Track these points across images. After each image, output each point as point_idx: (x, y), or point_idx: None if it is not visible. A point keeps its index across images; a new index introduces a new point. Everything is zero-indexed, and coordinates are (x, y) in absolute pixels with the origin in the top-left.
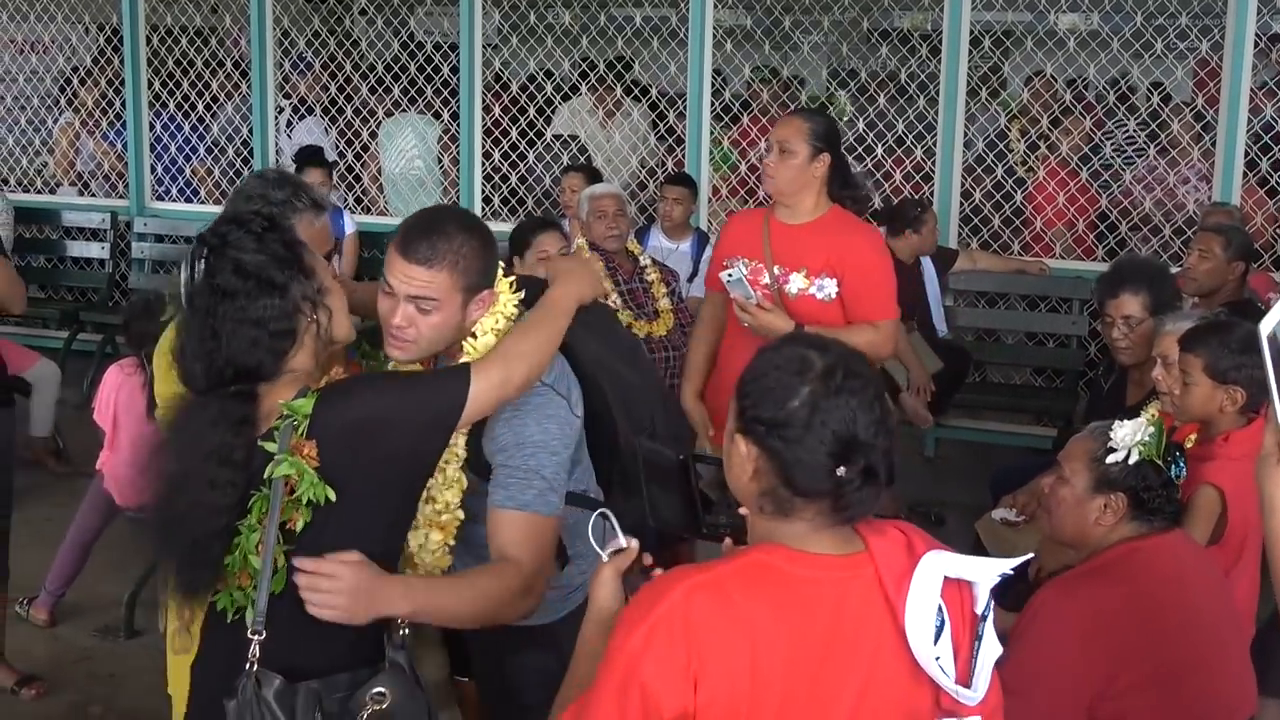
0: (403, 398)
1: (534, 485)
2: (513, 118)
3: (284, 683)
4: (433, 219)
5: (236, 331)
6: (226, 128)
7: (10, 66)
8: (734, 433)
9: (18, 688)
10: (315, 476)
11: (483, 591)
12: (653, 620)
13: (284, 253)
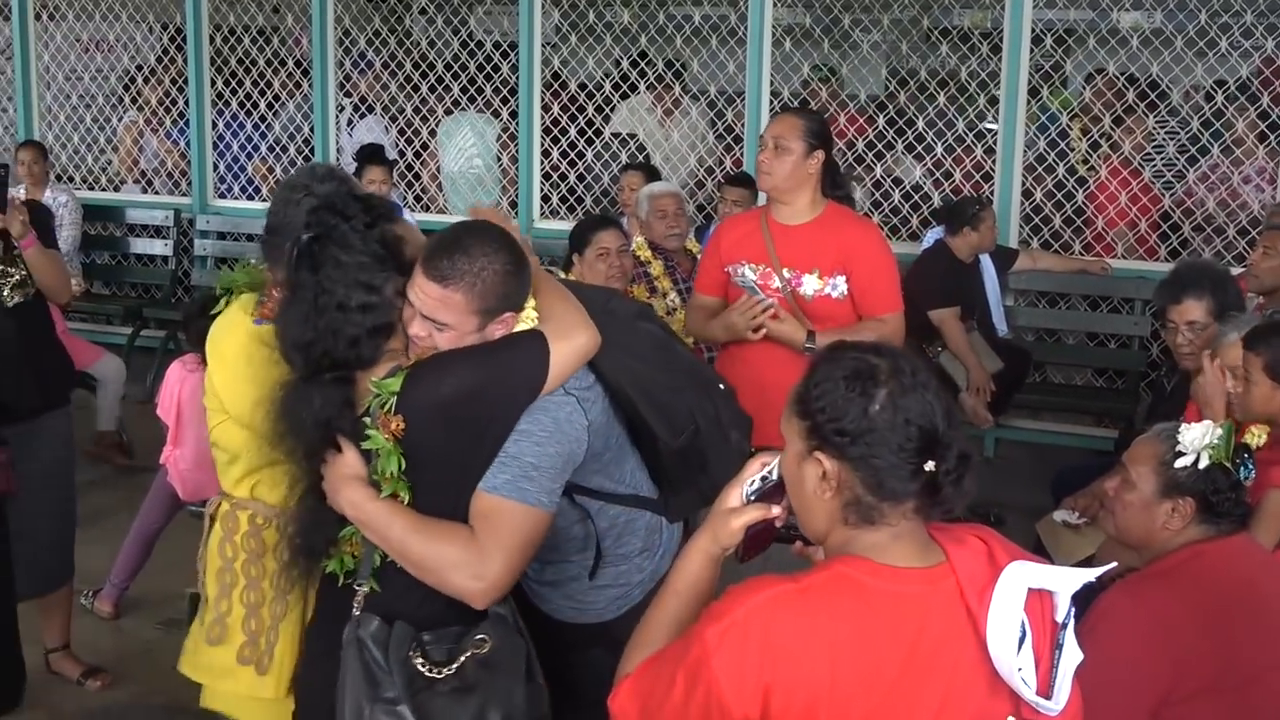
0: (489, 365)
1: (508, 469)
2: (571, 116)
3: (380, 623)
4: (459, 236)
5: (335, 328)
6: (288, 126)
7: (76, 65)
8: (807, 452)
9: (84, 679)
10: (395, 450)
11: (423, 541)
12: (730, 621)
13: (382, 251)
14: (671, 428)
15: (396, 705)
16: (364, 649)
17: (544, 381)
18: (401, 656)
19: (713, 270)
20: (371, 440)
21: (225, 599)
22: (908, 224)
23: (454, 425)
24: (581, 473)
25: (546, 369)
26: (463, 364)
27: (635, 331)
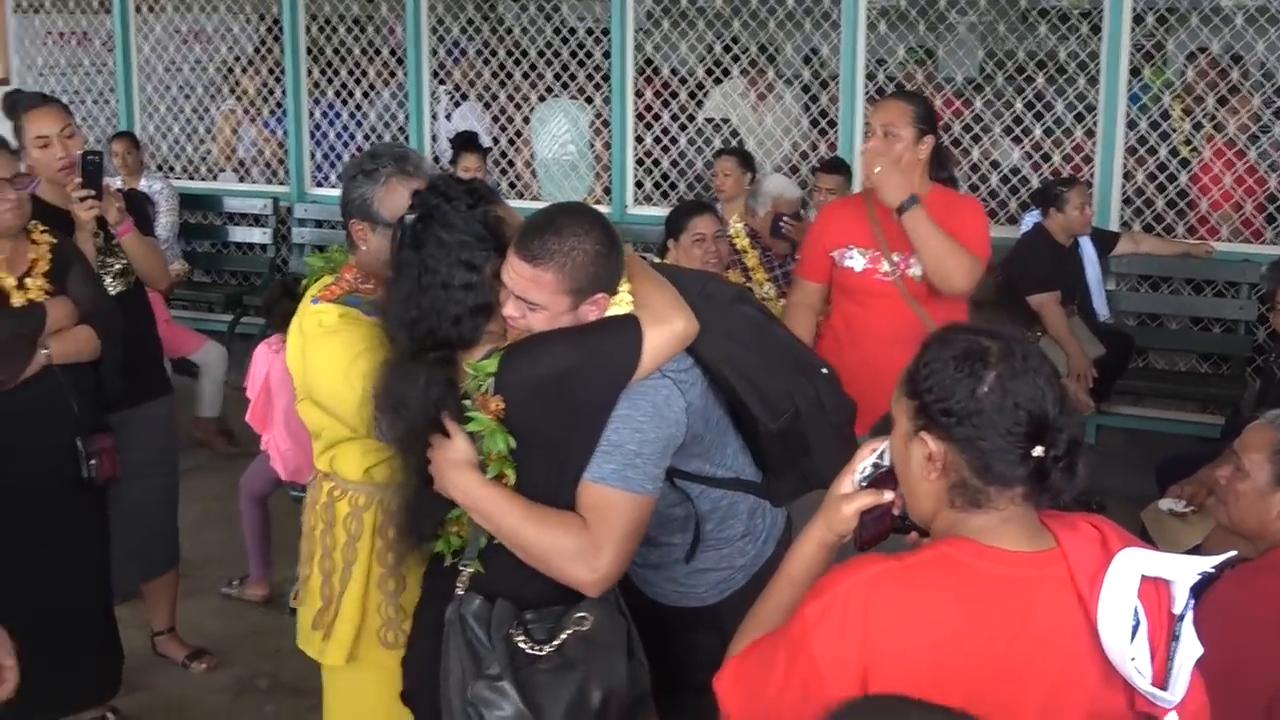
0: (584, 346)
1: (613, 459)
2: (664, 102)
3: (482, 602)
4: (552, 216)
5: (438, 306)
6: (383, 114)
7: (175, 57)
8: (914, 432)
9: (189, 661)
10: (499, 428)
11: (536, 530)
12: (830, 598)
13: (483, 231)
14: (770, 410)
15: (499, 681)
16: (466, 627)
17: (637, 365)
18: (503, 634)
19: (817, 256)
20: (475, 422)
21: (309, 564)
22: (1005, 208)
23: (550, 405)
24: (682, 456)
25: (639, 353)
26: (557, 344)
27: (733, 315)
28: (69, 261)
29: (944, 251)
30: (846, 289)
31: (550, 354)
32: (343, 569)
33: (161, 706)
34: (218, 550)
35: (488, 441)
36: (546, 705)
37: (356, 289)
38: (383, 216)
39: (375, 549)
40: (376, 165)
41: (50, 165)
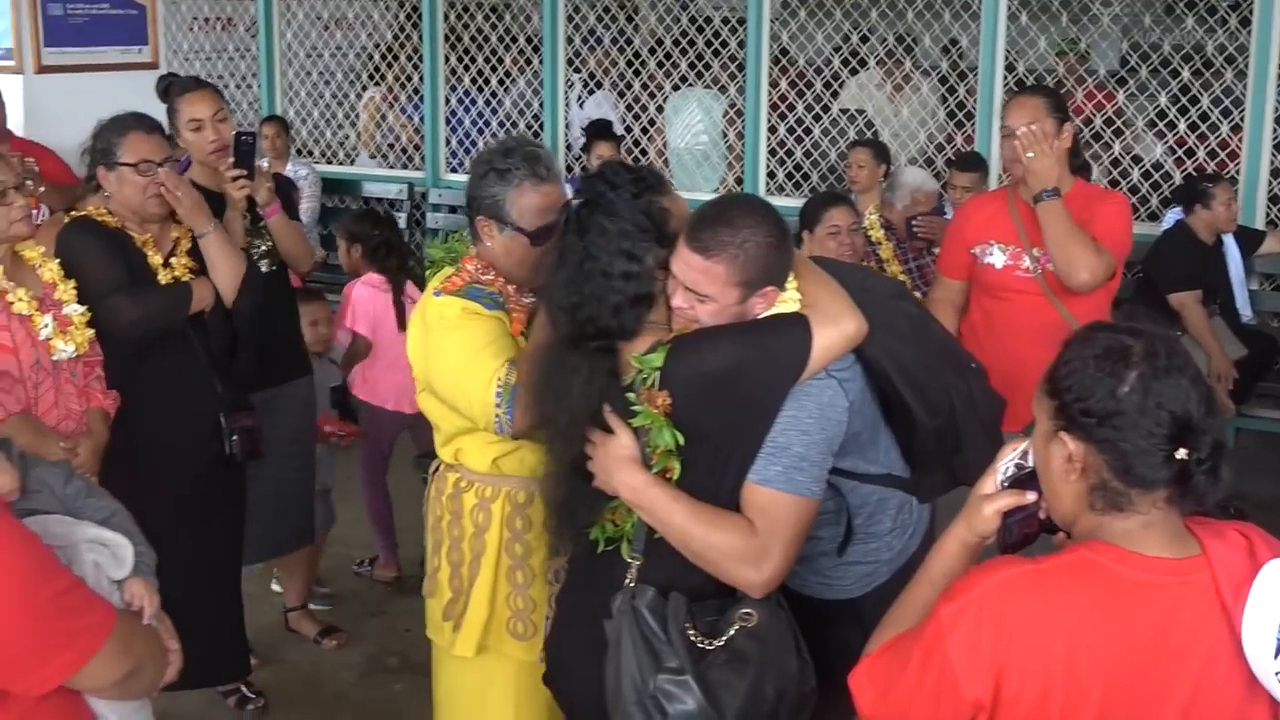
0: (753, 344)
1: (779, 461)
2: (799, 92)
3: (656, 594)
4: (724, 208)
5: (599, 294)
6: (519, 102)
7: (317, 43)
8: (1053, 432)
9: (320, 638)
10: (666, 423)
11: (705, 532)
12: (966, 600)
13: (646, 221)
14: (929, 408)
15: (681, 675)
16: (640, 619)
17: (806, 365)
18: (680, 628)
19: (958, 252)
20: (641, 416)
21: (436, 555)
22: (1147, 204)
23: (716, 401)
24: (840, 453)
25: (809, 352)
26: (725, 341)
27: (892, 310)
28: None
29: (1069, 243)
30: (987, 285)
31: (718, 350)
32: (470, 560)
33: (293, 681)
34: (351, 530)
35: (654, 436)
36: (725, 700)
37: (477, 280)
38: (510, 218)
39: (503, 540)
40: (510, 166)
41: (202, 148)
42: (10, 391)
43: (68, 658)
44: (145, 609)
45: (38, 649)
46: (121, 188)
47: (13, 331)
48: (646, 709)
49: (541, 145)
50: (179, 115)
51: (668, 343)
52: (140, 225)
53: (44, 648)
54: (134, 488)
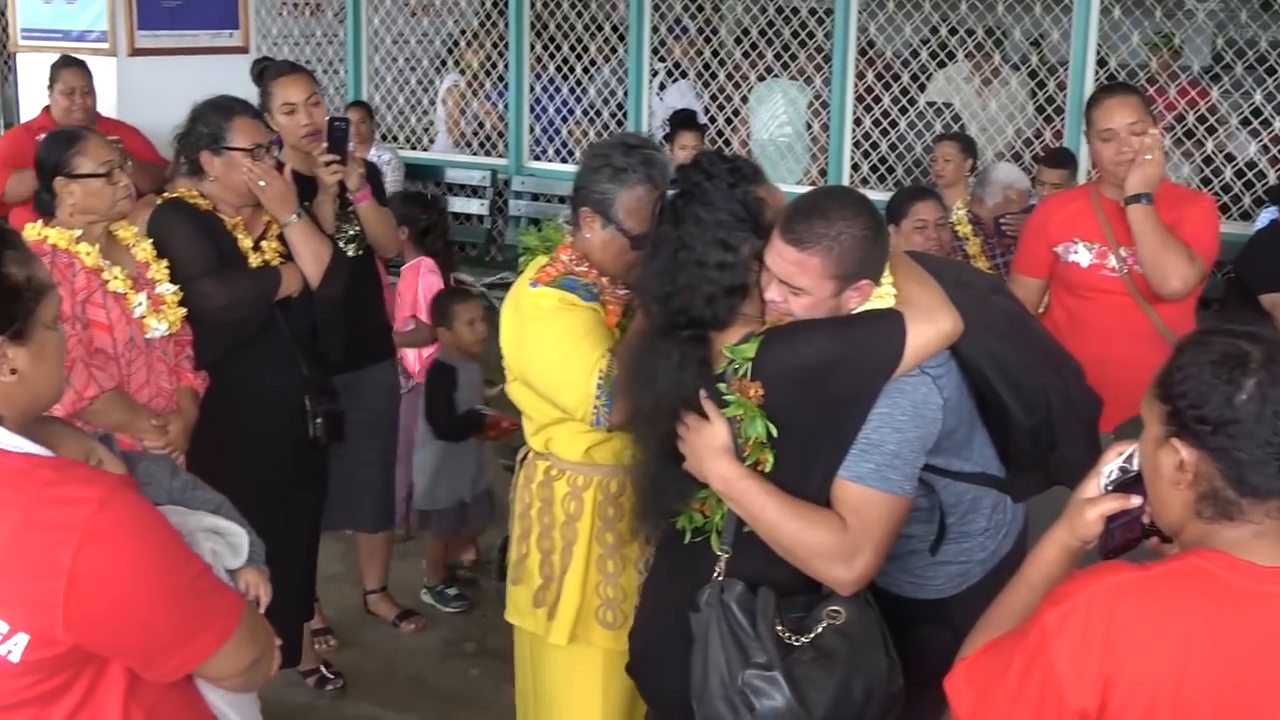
0: (848, 339)
1: (872, 459)
2: (885, 84)
3: (745, 588)
4: (818, 200)
5: (693, 283)
6: (603, 90)
7: (403, 29)
8: (1164, 438)
9: (399, 621)
10: (759, 414)
11: (797, 528)
12: (1071, 605)
13: (742, 212)
14: (1025, 406)
15: (769, 671)
16: (729, 614)
17: (899, 362)
18: (769, 623)
19: (1038, 250)
20: (734, 405)
21: (525, 542)
22: (1240, 202)
23: (808, 394)
24: (934, 450)
25: (903, 349)
26: (819, 334)
27: (990, 306)
28: None
29: (1163, 252)
30: (1070, 284)
31: (812, 344)
32: (562, 548)
33: (371, 664)
34: None
35: (746, 427)
36: (813, 698)
37: (572, 271)
38: (616, 216)
39: (595, 529)
40: (628, 165)
41: (295, 132)
42: (105, 368)
43: (204, 641)
44: (261, 598)
45: (177, 632)
46: (229, 172)
47: (108, 309)
48: (733, 704)
49: (661, 150)
50: (273, 99)
51: (761, 334)
52: (233, 209)
53: (183, 631)
54: (219, 468)
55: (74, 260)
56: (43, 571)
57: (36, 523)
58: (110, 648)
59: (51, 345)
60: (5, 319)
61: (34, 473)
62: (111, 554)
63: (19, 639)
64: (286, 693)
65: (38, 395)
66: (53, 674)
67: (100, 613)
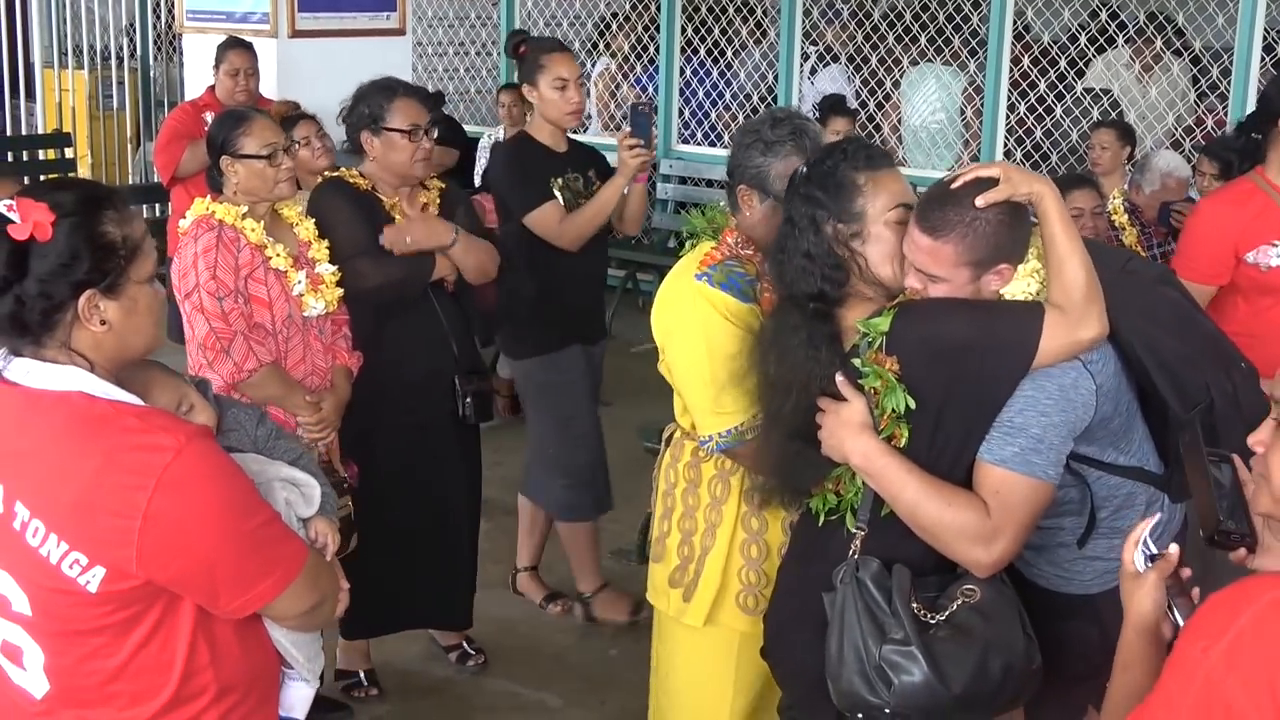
0: (983, 327)
1: (1015, 442)
2: (1042, 70)
3: (880, 565)
4: (952, 186)
5: (792, 259)
6: (753, 74)
7: (556, 12)
8: None
9: (545, 602)
10: (900, 386)
11: (938, 508)
12: (1235, 634)
13: (829, 192)
14: (1183, 399)
15: (907, 646)
16: (864, 590)
17: (1028, 365)
18: (905, 599)
19: (1220, 257)
20: (871, 376)
21: (666, 520)
22: None
23: (942, 372)
24: (1085, 438)
25: (1034, 351)
26: (957, 317)
27: (1155, 296)
28: (455, 205)
29: None
30: (1266, 287)
31: (949, 324)
32: (704, 530)
33: (512, 640)
34: None
35: (885, 398)
36: (951, 672)
37: (737, 254)
38: (774, 188)
39: (741, 514)
40: (778, 137)
41: (561, 108)
42: (263, 343)
43: (269, 583)
44: (329, 546)
45: (244, 573)
46: (389, 152)
47: (269, 286)
48: (870, 679)
49: (811, 120)
50: (544, 71)
51: (893, 307)
52: (392, 189)
53: (249, 573)
54: (370, 440)
55: (239, 235)
56: (120, 511)
57: (117, 466)
58: (178, 584)
59: (144, 300)
60: (99, 273)
61: (119, 419)
62: (184, 500)
63: (96, 571)
64: (429, 666)
65: (127, 345)
66: (127, 605)
67: (170, 552)
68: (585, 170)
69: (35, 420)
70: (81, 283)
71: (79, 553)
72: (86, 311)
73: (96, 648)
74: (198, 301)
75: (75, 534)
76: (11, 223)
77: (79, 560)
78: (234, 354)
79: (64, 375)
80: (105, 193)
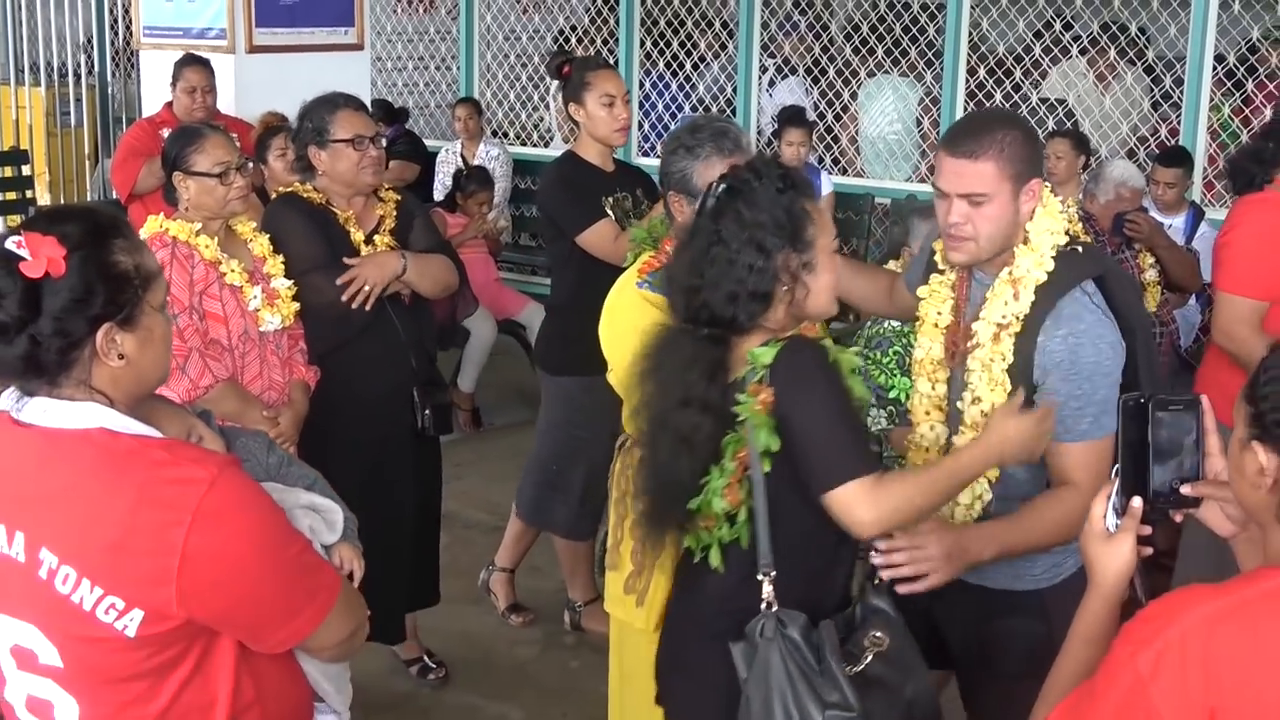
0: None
1: (1088, 413)
2: (997, 80)
3: (808, 620)
4: (974, 117)
5: (719, 281)
6: (712, 86)
7: (515, 26)
8: (1246, 441)
9: (509, 612)
10: (765, 422)
11: (1052, 520)
12: (1163, 645)
13: (784, 219)
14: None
15: (850, 712)
16: (793, 647)
17: (821, 488)
18: (836, 657)
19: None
20: (743, 406)
21: (620, 528)
22: None
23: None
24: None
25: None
26: (823, 398)
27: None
28: (411, 216)
29: None
30: None
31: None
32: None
33: (474, 653)
34: None
35: (754, 434)
36: None
37: None
38: (697, 191)
39: None
40: (698, 141)
41: (610, 124)
42: (219, 359)
43: (309, 614)
44: (355, 572)
45: (286, 605)
46: (336, 163)
47: (224, 302)
48: None
49: (731, 121)
50: (590, 89)
51: (783, 339)
52: (346, 202)
53: (290, 605)
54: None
55: (193, 252)
56: (157, 549)
57: (151, 502)
58: (221, 622)
59: (159, 330)
60: (114, 305)
61: (146, 453)
62: (222, 533)
63: (134, 614)
64: (390, 681)
65: (144, 378)
66: (166, 647)
67: (211, 589)
68: (633, 189)
69: (58, 462)
70: (98, 317)
71: (115, 596)
72: (105, 346)
73: (136, 695)
74: None
75: (110, 577)
76: (22, 259)
77: (115, 604)
78: (189, 371)
79: (83, 412)
80: (111, 220)
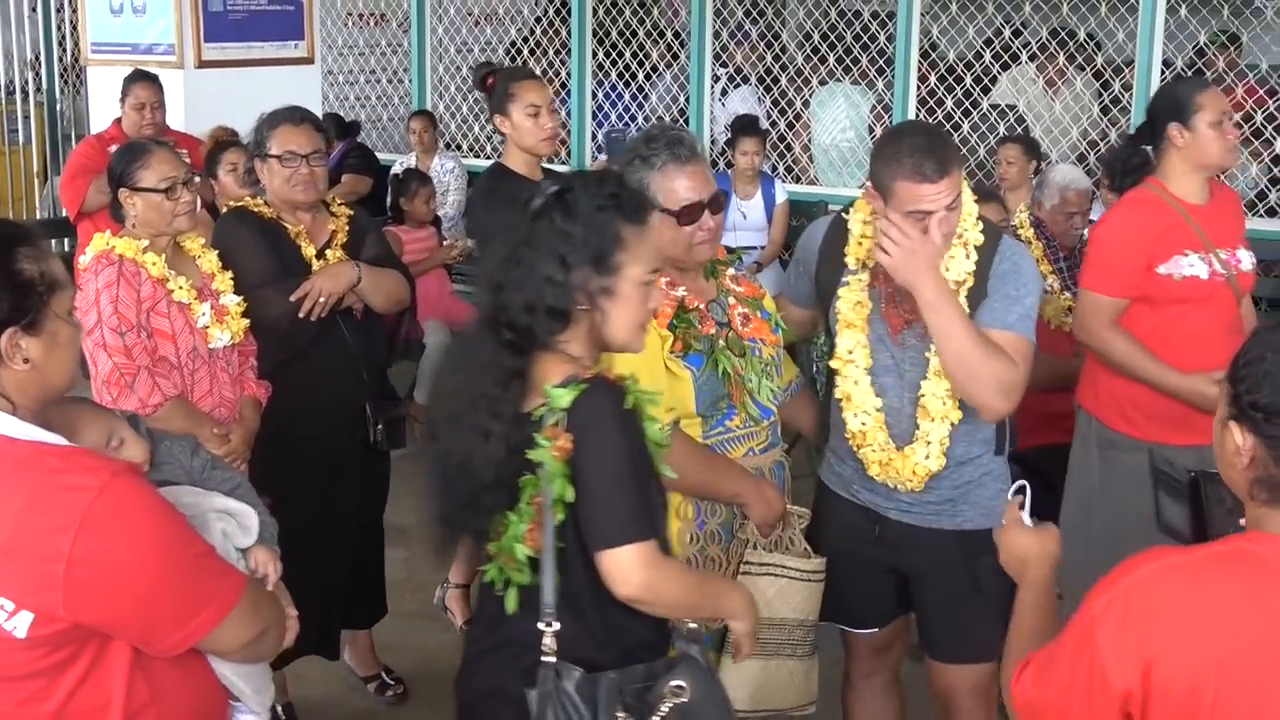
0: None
1: (1014, 310)
2: (948, 87)
3: (584, 674)
4: (916, 134)
5: (521, 284)
6: (664, 96)
7: (467, 38)
8: (1226, 420)
9: (467, 625)
10: (561, 470)
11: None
12: (1116, 591)
13: (593, 237)
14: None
15: None
16: (566, 700)
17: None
18: (611, 714)
19: (1133, 271)
20: (540, 452)
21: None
22: None
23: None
24: None
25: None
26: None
27: None
28: (364, 232)
29: None
30: (1176, 297)
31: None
32: None
33: (432, 669)
34: None
35: (546, 479)
36: None
37: None
38: (657, 201)
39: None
40: (653, 150)
41: (536, 135)
42: (168, 377)
43: (204, 617)
44: (269, 575)
45: (178, 609)
46: (270, 178)
47: (172, 319)
48: None
49: (685, 130)
50: (515, 100)
51: (584, 382)
52: (295, 216)
53: (183, 608)
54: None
55: (140, 269)
56: (44, 554)
57: (40, 507)
58: (110, 626)
59: (64, 335)
60: (19, 311)
61: (40, 460)
62: (109, 540)
63: (23, 616)
64: (348, 698)
65: (50, 384)
66: (58, 648)
67: (98, 594)
68: None
69: None
70: (2, 322)
71: (4, 598)
72: (8, 350)
73: (30, 694)
74: (100, 338)
75: (1, 579)
76: None
77: (4, 606)
78: (138, 389)
79: None
80: (16, 229)
